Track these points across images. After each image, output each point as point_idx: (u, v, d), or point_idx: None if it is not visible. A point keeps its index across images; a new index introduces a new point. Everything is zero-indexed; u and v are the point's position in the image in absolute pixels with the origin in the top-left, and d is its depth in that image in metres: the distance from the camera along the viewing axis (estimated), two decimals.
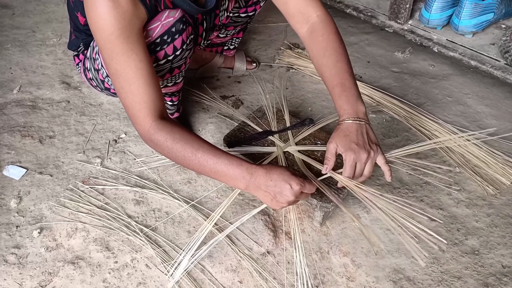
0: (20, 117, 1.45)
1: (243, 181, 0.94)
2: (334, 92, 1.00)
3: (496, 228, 1.16)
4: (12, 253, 1.09)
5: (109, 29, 0.88)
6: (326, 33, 1.04)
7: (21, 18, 1.92)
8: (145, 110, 0.95)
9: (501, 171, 1.27)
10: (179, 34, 1.02)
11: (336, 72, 1.00)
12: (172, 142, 0.95)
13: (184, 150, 0.95)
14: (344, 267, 1.08)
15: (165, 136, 0.95)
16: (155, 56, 1.03)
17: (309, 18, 1.06)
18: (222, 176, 0.96)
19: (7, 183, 1.25)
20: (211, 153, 0.95)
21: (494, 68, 1.40)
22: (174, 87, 1.20)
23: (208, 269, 1.07)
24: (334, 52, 1.02)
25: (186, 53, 1.09)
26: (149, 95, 0.95)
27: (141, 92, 0.94)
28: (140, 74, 0.93)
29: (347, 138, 0.95)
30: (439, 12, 1.50)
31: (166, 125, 0.96)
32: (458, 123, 1.43)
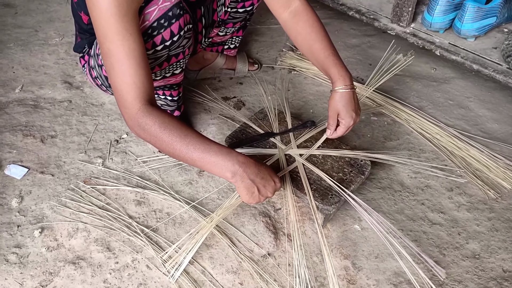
0: (22, 116, 1.45)
1: (232, 169, 0.95)
2: (328, 61, 1.11)
3: (497, 232, 1.16)
4: (13, 252, 1.09)
5: (105, 5, 0.88)
6: (311, 17, 1.14)
7: (24, 17, 1.92)
8: (134, 92, 0.93)
9: (502, 175, 1.27)
10: (175, 19, 1.02)
11: (327, 44, 1.12)
12: (160, 127, 0.93)
13: (172, 135, 0.93)
14: (344, 270, 1.08)
15: (153, 120, 0.93)
16: (152, 41, 1.03)
17: (291, 3, 1.14)
18: (209, 164, 0.95)
19: (8, 182, 1.25)
20: (200, 140, 0.95)
21: (496, 72, 1.40)
22: (173, 78, 1.20)
23: (209, 270, 1.07)
24: (321, 30, 1.14)
25: (184, 41, 1.09)
26: (140, 77, 0.93)
27: (132, 73, 0.93)
28: (132, 55, 0.92)
29: (346, 107, 1.10)
30: (441, 16, 1.50)
31: (154, 110, 0.95)
32: (460, 127, 1.43)
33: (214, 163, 0.95)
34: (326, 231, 1.16)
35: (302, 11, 1.14)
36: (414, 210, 1.21)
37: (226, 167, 0.95)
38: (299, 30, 1.14)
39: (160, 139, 0.94)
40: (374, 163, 1.24)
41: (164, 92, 1.24)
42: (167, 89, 1.24)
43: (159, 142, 0.95)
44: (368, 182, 1.27)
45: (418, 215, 1.20)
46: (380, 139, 1.40)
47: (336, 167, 1.16)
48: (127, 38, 0.91)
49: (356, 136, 1.41)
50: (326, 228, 1.16)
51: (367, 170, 1.15)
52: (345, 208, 1.19)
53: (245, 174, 0.96)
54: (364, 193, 1.25)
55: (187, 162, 0.98)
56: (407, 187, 1.26)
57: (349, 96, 1.10)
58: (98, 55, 1.16)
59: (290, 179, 1.13)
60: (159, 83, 1.19)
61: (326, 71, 1.12)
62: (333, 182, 1.10)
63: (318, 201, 1.08)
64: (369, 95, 1.53)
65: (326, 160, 1.18)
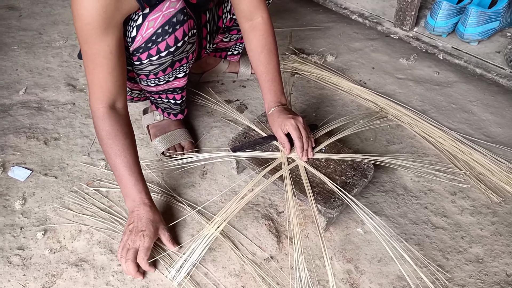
0: (25, 118, 1.46)
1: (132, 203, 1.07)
2: (265, 86, 1.20)
3: (501, 237, 1.15)
4: (16, 254, 1.09)
5: (88, 19, 0.94)
6: (266, 34, 1.20)
7: (28, 20, 1.93)
8: (99, 94, 1.04)
9: (505, 179, 1.27)
10: (180, 24, 1.04)
11: (269, 70, 1.20)
12: (106, 135, 1.05)
13: (111, 148, 1.05)
14: (347, 274, 1.08)
15: (103, 125, 1.05)
16: (157, 47, 1.05)
17: (254, 17, 1.19)
18: (122, 187, 1.08)
19: (12, 184, 1.26)
20: (127, 165, 1.06)
21: (500, 76, 1.40)
22: (176, 82, 1.20)
23: (212, 273, 1.07)
24: (269, 52, 1.20)
25: (188, 46, 1.11)
26: (107, 83, 1.03)
27: (100, 78, 1.02)
28: (105, 63, 1.00)
29: (280, 118, 1.15)
30: (444, 20, 1.50)
31: (112, 117, 1.05)
32: (463, 131, 1.43)
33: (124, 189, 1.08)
34: (329, 234, 1.16)
35: (260, 29, 1.19)
36: (417, 214, 1.20)
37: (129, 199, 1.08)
38: (252, 46, 1.21)
39: (102, 146, 1.07)
40: (377, 166, 1.24)
41: (167, 95, 1.25)
42: (170, 92, 1.24)
43: (102, 147, 1.08)
44: (371, 185, 1.27)
45: (421, 219, 1.19)
46: (383, 143, 1.40)
47: (339, 171, 1.16)
48: (104, 49, 0.99)
49: (359, 139, 1.41)
50: (329, 232, 1.16)
51: (370, 174, 1.15)
52: (347, 212, 1.19)
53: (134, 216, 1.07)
54: (367, 196, 1.24)
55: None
56: (410, 191, 1.26)
57: (280, 109, 1.17)
58: None
59: (292, 182, 1.13)
60: (162, 87, 1.20)
61: (263, 94, 1.21)
62: (336, 186, 1.10)
63: (321, 204, 1.08)
64: (372, 99, 1.53)
65: (329, 164, 1.18)
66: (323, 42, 1.82)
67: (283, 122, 1.14)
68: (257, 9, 1.18)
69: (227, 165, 1.32)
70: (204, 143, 1.40)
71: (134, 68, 1.12)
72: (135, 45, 1.04)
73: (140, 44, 1.04)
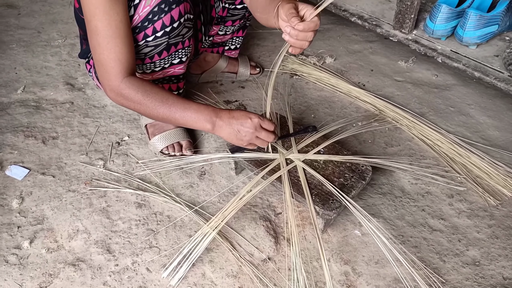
0: (23, 117, 1.45)
1: (210, 121, 1.07)
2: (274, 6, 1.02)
3: (497, 240, 1.16)
4: (13, 253, 1.09)
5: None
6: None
7: (27, 19, 1.92)
8: (118, 67, 1.03)
9: (503, 182, 1.27)
10: (176, 4, 1.06)
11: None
12: (143, 95, 1.05)
13: (155, 100, 1.05)
14: (344, 275, 1.08)
15: (136, 89, 1.04)
16: (153, 27, 1.06)
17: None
18: (191, 121, 1.08)
19: (9, 183, 1.25)
20: (180, 101, 1.07)
21: (498, 79, 1.41)
22: (171, 69, 1.21)
23: (209, 274, 1.07)
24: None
25: (184, 30, 1.12)
26: (124, 54, 1.02)
27: (117, 50, 1.01)
28: (119, 33, 1.00)
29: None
30: (443, 23, 1.50)
31: (136, 80, 1.06)
32: (460, 134, 1.44)
33: (194, 119, 1.07)
34: (327, 236, 1.16)
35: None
36: (414, 216, 1.21)
37: (205, 121, 1.07)
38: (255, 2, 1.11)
39: (144, 105, 1.06)
40: (375, 168, 1.24)
41: (163, 86, 1.25)
42: (166, 82, 1.25)
43: (144, 107, 1.07)
44: (369, 187, 1.27)
45: (419, 221, 1.20)
46: (381, 145, 1.40)
47: (337, 172, 1.16)
48: (115, 18, 0.98)
49: (357, 141, 1.41)
50: (327, 233, 1.16)
51: (368, 176, 1.15)
52: (345, 213, 1.19)
53: (222, 123, 1.07)
54: (364, 198, 1.25)
55: (171, 123, 1.12)
56: (407, 193, 1.26)
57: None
58: None
59: (290, 184, 1.13)
60: (158, 75, 1.21)
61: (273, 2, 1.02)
62: (334, 187, 1.10)
63: (319, 206, 1.08)
64: (370, 101, 1.53)
65: (327, 165, 1.18)
66: (322, 44, 1.82)
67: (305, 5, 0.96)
68: None
69: (226, 166, 1.32)
70: (202, 144, 1.40)
71: None
72: (132, 24, 1.06)
73: (137, 23, 1.05)
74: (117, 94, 1.06)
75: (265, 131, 1.09)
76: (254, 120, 1.07)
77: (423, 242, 1.15)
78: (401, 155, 1.37)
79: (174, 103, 1.07)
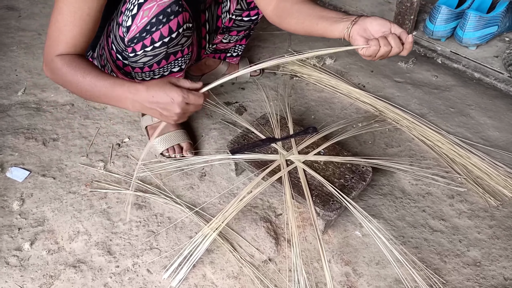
0: (24, 119, 1.45)
1: (128, 100, 0.98)
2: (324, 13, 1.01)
3: (498, 240, 1.16)
4: (14, 255, 1.09)
5: None
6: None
7: (27, 21, 1.93)
8: (62, 46, 1.00)
9: (503, 183, 1.27)
10: (174, 15, 1.04)
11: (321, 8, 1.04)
12: (68, 68, 0.99)
13: (76, 75, 0.99)
14: (345, 276, 1.08)
15: (62, 62, 1.00)
16: (151, 37, 1.05)
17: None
18: (110, 99, 1.00)
19: (10, 185, 1.25)
20: (99, 76, 0.99)
21: (498, 80, 1.41)
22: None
23: (209, 275, 1.07)
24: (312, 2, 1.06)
25: (183, 39, 1.11)
26: (74, 41, 1.00)
27: (70, 36, 0.99)
28: (80, 24, 0.98)
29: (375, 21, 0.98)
30: (443, 24, 1.51)
31: (71, 56, 1.01)
32: (461, 134, 1.44)
33: (112, 97, 0.99)
34: (327, 237, 1.16)
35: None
36: (415, 217, 1.21)
37: (123, 100, 0.98)
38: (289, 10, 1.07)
39: (67, 79, 1.01)
40: (376, 169, 1.24)
41: None
42: None
43: (67, 82, 1.02)
44: (369, 188, 1.27)
45: (419, 222, 1.20)
46: (382, 146, 1.41)
47: (338, 173, 1.16)
48: (82, 9, 0.97)
49: (357, 142, 1.41)
50: (327, 234, 1.16)
51: (368, 177, 1.15)
52: (346, 214, 1.19)
53: (141, 102, 0.96)
54: (365, 199, 1.25)
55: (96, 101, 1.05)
56: (408, 194, 1.26)
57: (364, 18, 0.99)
58: (101, 56, 1.17)
59: (291, 185, 1.13)
60: None
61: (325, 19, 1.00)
62: (334, 188, 1.11)
63: (319, 207, 1.08)
64: (370, 102, 1.54)
65: (328, 166, 1.18)
66: (322, 45, 1.82)
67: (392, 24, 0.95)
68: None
69: (226, 167, 1.32)
70: (203, 145, 1.40)
71: (129, 61, 1.13)
72: (130, 34, 1.05)
73: (135, 34, 1.04)
74: (48, 68, 1.03)
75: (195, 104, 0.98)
76: (178, 99, 0.94)
77: (424, 242, 1.15)
78: (402, 156, 1.37)
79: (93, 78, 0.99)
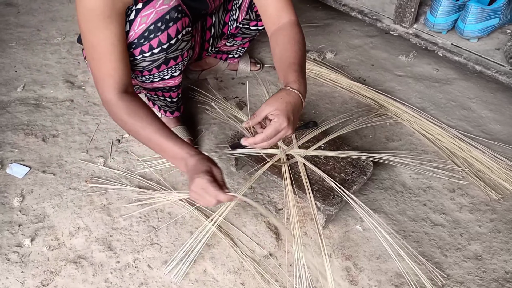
0: (24, 115, 1.45)
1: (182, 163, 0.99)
2: (292, 68, 1.01)
3: (499, 234, 1.15)
4: (14, 251, 1.09)
5: (92, 6, 0.93)
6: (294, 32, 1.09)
7: (26, 17, 1.92)
8: (110, 82, 1.01)
9: (504, 176, 1.27)
10: (173, 22, 1.03)
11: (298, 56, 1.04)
12: (127, 117, 1.01)
13: (135, 125, 1.02)
14: (346, 271, 1.08)
15: (120, 110, 1.02)
16: (149, 44, 1.04)
17: (281, 20, 1.11)
18: (165, 155, 1.03)
19: (10, 181, 1.25)
20: (157, 133, 1.01)
21: (499, 73, 1.40)
22: (171, 81, 1.20)
23: (210, 270, 1.07)
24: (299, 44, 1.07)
25: (182, 44, 1.10)
26: (117, 70, 1.01)
27: (110, 66, 1.00)
28: (113, 50, 0.99)
29: (287, 106, 0.95)
30: (444, 17, 1.49)
31: (125, 99, 1.02)
32: (462, 128, 1.43)
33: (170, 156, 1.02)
34: (328, 231, 1.15)
35: (288, 26, 1.10)
36: (416, 211, 1.20)
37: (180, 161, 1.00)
38: (278, 41, 1.09)
39: (127, 127, 1.04)
40: (376, 163, 1.24)
41: (163, 93, 1.24)
42: (166, 91, 1.24)
43: (126, 129, 1.05)
44: (370, 182, 1.27)
45: (420, 216, 1.19)
46: (382, 140, 1.40)
47: (338, 168, 1.16)
48: (110, 36, 0.97)
49: (358, 136, 1.41)
50: (328, 229, 1.16)
51: (369, 171, 1.15)
52: (347, 209, 1.19)
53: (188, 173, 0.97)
54: (366, 193, 1.24)
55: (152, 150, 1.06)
56: (409, 188, 1.26)
57: (297, 101, 0.97)
58: None
59: (292, 180, 1.12)
60: (157, 84, 1.19)
61: (285, 75, 1.01)
62: (335, 183, 1.10)
63: (320, 201, 1.08)
64: (371, 96, 1.53)
65: (328, 161, 1.18)
66: (322, 39, 1.81)
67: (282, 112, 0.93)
68: (284, 11, 1.11)
69: (226, 162, 1.32)
70: (203, 140, 1.40)
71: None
72: (128, 40, 1.04)
73: (133, 39, 1.03)
74: (107, 109, 1.05)
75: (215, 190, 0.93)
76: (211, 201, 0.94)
77: (425, 236, 1.15)
78: (402, 150, 1.37)
79: (152, 132, 1.01)
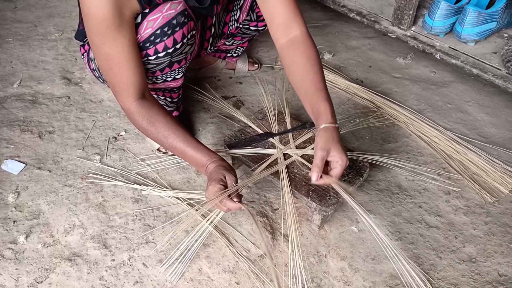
0: (20, 111, 1.44)
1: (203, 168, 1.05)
2: (319, 95, 1.02)
3: (494, 236, 1.16)
4: (9, 248, 1.09)
5: (101, 16, 0.92)
6: (309, 49, 1.07)
7: (23, 12, 1.91)
8: (129, 90, 1.02)
9: (499, 179, 1.28)
10: (179, 27, 1.03)
11: (320, 79, 1.05)
12: (148, 124, 1.05)
13: (158, 134, 1.05)
14: (341, 271, 1.08)
15: (142, 117, 1.04)
16: (155, 48, 1.04)
17: (292, 31, 1.08)
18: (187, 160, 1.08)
19: (5, 177, 1.25)
20: (179, 140, 1.05)
21: (496, 76, 1.41)
22: (174, 83, 1.20)
23: (205, 269, 1.07)
24: (317, 63, 1.07)
25: (187, 48, 1.10)
26: (135, 77, 1.02)
27: (129, 74, 1.01)
28: (130, 57, 0.99)
29: (339, 144, 0.97)
30: (442, 20, 1.50)
31: (145, 107, 1.05)
32: (458, 130, 1.44)
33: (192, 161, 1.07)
34: (324, 232, 1.16)
35: (301, 41, 1.07)
36: (411, 213, 1.21)
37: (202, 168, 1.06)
38: (295, 59, 1.07)
39: (149, 134, 1.07)
40: (372, 165, 1.24)
41: (164, 94, 1.24)
42: (167, 91, 1.24)
43: (148, 136, 1.08)
44: (366, 184, 1.27)
45: (415, 218, 1.20)
46: (379, 142, 1.40)
47: None
48: (124, 42, 0.97)
49: (354, 138, 1.41)
50: (324, 229, 1.16)
51: (365, 172, 1.15)
52: (342, 210, 1.19)
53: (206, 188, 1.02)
54: (362, 195, 1.25)
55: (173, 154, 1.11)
56: (404, 190, 1.27)
57: (338, 132, 0.99)
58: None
59: (289, 179, 1.12)
60: (159, 85, 1.19)
61: (314, 105, 1.03)
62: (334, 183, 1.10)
63: (316, 202, 1.08)
64: (368, 97, 1.53)
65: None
66: (320, 40, 1.81)
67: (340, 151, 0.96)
68: (294, 22, 1.08)
69: None
70: (200, 139, 1.39)
71: None
72: None
73: (138, 42, 1.02)
74: (128, 117, 1.07)
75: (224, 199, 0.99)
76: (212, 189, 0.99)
77: (420, 238, 1.15)
78: (399, 152, 1.37)
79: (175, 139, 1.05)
